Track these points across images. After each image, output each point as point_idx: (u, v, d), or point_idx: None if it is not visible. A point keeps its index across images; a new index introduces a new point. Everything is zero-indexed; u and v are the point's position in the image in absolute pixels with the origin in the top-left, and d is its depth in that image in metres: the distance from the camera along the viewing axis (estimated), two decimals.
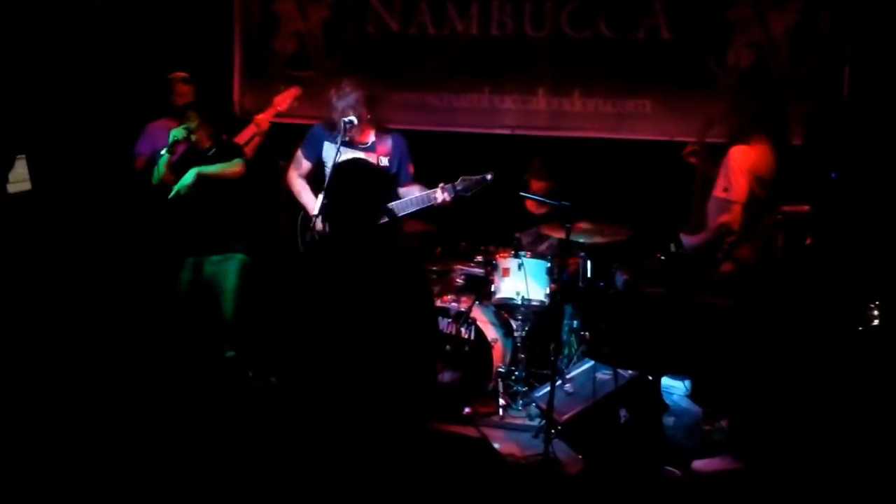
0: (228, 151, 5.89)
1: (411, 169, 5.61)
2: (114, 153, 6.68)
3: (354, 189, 3.70)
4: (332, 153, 5.36)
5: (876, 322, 5.04)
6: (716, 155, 5.12)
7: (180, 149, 5.85)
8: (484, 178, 5.24)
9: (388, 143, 5.54)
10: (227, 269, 5.86)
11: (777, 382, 4.88)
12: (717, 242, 4.93)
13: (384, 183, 4.35)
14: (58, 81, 6.96)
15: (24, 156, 6.27)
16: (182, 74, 6.52)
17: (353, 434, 3.53)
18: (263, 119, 6.32)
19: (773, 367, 4.86)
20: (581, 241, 5.84)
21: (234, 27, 7.73)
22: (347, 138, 5.33)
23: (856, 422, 4.79)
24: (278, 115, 6.36)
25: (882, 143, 6.05)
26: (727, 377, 5.01)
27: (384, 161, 5.48)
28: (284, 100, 6.32)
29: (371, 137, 5.53)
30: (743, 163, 4.91)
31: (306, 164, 5.66)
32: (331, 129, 5.45)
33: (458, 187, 5.24)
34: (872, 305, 5.05)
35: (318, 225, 5.19)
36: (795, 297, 5.15)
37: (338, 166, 4.27)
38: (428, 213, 5.48)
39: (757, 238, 4.95)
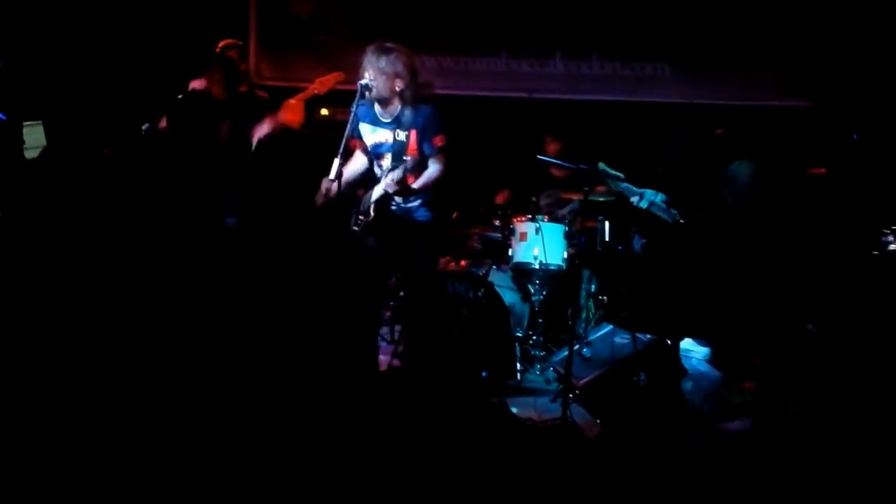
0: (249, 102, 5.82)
1: (436, 141, 4.97)
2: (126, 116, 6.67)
3: None
4: (367, 132, 5.14)
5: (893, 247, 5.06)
6: None
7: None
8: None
9: (410, 117, 5.01)
10: None
11: (800, 346, 4.88)
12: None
13: None
14: (70, 44, 6.94)
15: (40, 122, 6.26)
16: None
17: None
18: (300, 99, 5.88)
19: (796, 330, 4.86)
20: (601, 199, 5.81)
21: None
22: (362, 104, 5.05)
23: (881, 389, 4.79)
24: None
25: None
26: (746, 341, 5.01)
27: (401, 136, 5.02)
28: (325, 83, 5.76)
29: (396, 112, 5.06)
30: None
31: (360, 144, 5.25)
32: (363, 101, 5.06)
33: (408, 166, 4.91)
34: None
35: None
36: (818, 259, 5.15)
37: None
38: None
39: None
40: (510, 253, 6.09)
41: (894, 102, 6.13)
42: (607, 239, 5.93)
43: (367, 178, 5.23)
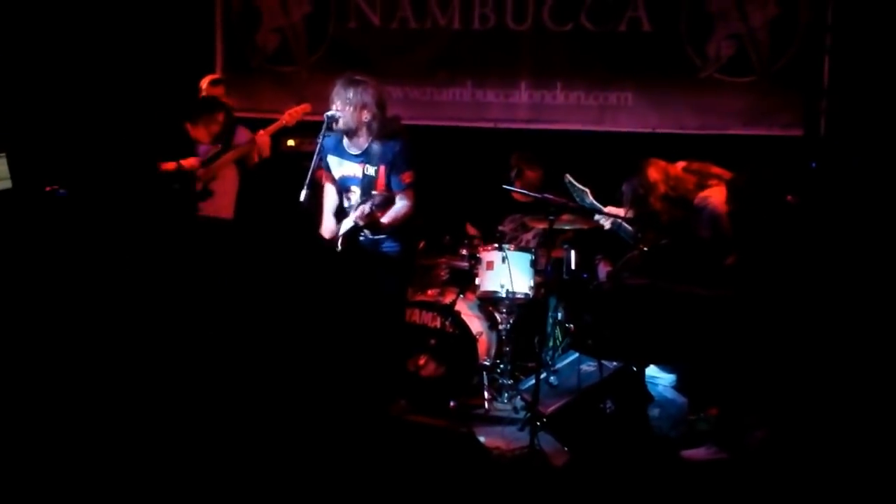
0: None
1: (405, 178, 5.04)
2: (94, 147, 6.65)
3: None
4: (334, 164, 5.17)
5: None
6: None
7: None
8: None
9: (379, 151, 5.02)
10: None
11: (765, 372, 4.91)
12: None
13: None
14: (35, 76, 6.91)
15: (3, 154, 6.22)
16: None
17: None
18: (266, 133, 6.31)
19: (762, 357, 4.89)
20: (566, 228, 5.85)
21: (215, 22, 7.70)
22: (329, 135, 5.05)
23: (844, 413, 4.82)
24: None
25: (862, 133, 6.09)
26: (713, 367, 5.03)
27: (370, 171, 5.02)
28: (293, 115, 6.19)
29: (364, 145, 5.05)
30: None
31: (327, 175, 5.27)
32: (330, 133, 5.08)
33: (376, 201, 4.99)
34: None
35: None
36: (785, 287, 5.18)
37: None
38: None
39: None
40: (477, 282, 6.10)
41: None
42: (573, 267, 5.95)
43: (338, 210, 5.25)
